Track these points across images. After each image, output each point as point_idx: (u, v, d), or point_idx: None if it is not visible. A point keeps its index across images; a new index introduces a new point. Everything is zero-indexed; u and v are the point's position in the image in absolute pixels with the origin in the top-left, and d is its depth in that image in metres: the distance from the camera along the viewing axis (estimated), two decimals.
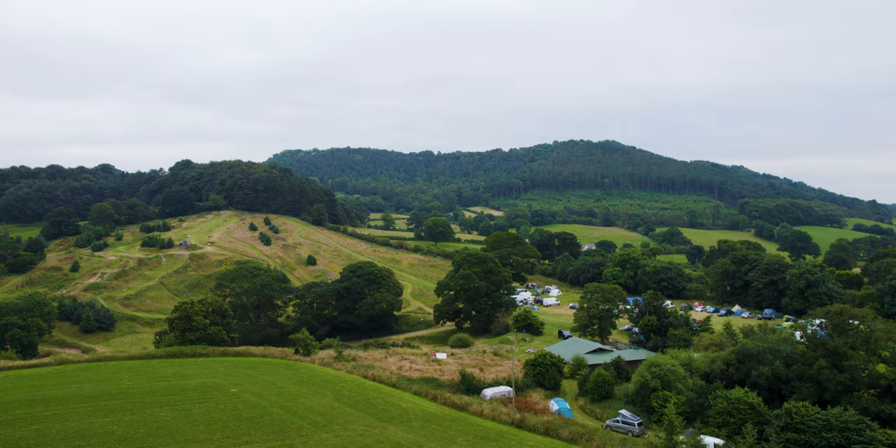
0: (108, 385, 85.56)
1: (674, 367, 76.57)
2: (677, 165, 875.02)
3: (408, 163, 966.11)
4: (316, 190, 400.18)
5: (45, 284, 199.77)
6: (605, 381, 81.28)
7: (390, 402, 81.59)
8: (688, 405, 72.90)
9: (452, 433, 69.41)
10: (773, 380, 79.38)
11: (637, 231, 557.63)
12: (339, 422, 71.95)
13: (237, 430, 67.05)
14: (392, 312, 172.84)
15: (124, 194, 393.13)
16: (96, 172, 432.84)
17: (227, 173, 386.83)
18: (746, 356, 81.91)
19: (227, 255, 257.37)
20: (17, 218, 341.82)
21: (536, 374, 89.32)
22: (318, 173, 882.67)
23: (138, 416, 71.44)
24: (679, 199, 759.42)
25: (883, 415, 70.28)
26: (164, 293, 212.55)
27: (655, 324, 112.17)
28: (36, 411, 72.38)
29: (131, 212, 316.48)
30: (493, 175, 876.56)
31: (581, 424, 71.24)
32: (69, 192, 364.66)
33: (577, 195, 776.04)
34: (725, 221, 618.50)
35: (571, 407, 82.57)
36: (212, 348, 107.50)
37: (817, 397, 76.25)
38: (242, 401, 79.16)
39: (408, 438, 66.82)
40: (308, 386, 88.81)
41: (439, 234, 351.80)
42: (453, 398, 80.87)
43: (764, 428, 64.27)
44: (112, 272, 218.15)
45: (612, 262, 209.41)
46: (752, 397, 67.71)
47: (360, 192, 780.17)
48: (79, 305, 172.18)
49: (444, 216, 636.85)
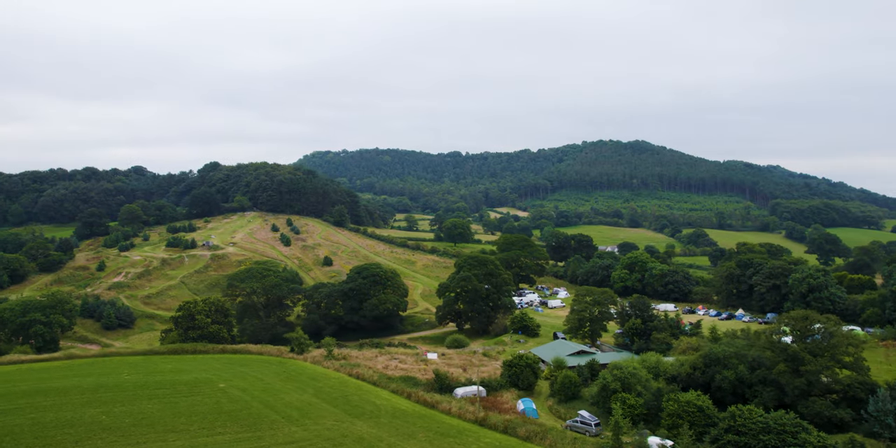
0: (108, 378, 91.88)
1: (635, 370, 78.94)
2: (708, 166, 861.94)
3: (436, 163, 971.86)
4: (339, 191, 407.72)
5: (72, 283, 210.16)
6: (571, 382, 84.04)
7: (366, 399, 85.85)
8: (645, 407, 75.22)
9: (415, 429, 73.23)
10: (737, 384, 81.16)
11: (663, 232, 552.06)
12: (312, 416, 76.49)
13: (214, 422, 72.07)
14: (397, 313, 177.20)
15: (155, 195, 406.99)
16: (129, 174, 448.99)
17: (252, 175, 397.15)
18: (712, 360, 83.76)
19: (247, 256, 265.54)
20: (53, 218, 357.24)
21: (511, 374, 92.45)
22: (346, 174, 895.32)
23: (128, 407, 77.13)
24: (709, 200, 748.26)
25: (835, 419, 71.64)
26: (185, 292, 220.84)
27: (640, 327, 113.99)
28: (36, 401, 78.71)
29: (159, 213, 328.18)
30: (521, 176, 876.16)
31: (538, 423, 74.35)
32: (102, 194, 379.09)
33: (605, 196, 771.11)
34: (755, 223, 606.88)
35: (539, 407, 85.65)
36: (211, 346, 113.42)
37: (777, 401, 77.94)
38: (227, 395, 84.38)
39: (371, 433, 70.89)
40: (293, 382, 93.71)
41: (458, 236, 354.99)
42: (425, 396, 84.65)
43: (709, 430, 66.50)
44: (136, 271, 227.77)
45: (621, 265, 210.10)
46: (703, 400, 69.86)
47: (387, 193, 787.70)
48: (101, 303, 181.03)
49: (470, 217, 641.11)
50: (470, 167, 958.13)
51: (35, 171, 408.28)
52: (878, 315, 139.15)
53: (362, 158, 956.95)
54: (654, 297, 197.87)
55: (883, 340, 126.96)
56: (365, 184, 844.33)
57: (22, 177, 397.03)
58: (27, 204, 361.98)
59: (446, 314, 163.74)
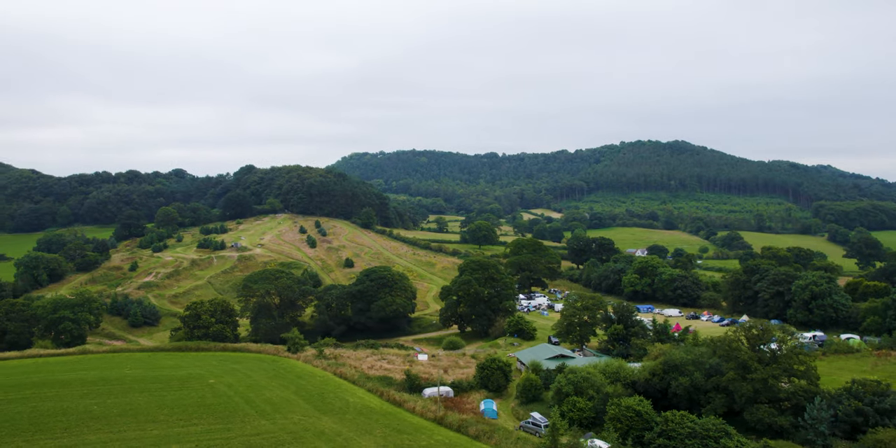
0: (111, 372, 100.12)
1: (589, 375, 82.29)
2: (750, 166, 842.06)
3: (472, 164, 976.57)
4: (368, 194, 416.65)
5: (105, 282, 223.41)
6: (532, 385, 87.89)
7: (341, 396, 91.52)
8: (593, 411, 78.58)
9: (375, 426, 78.35)
10: (693, 390, 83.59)
11: (699, 235, 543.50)
12: (283, 411, 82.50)
13: (192, 414, 78.71)
14: (406, 314, 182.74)
15: (193, 197, 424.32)
16: (170, 177, 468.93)
17: (284, 178, 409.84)
18: (671, 367, 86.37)
19: (272, 257, 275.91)
20: (97, 220, 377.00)
21: (483, 377, 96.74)
22: (383, 175, 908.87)
23: (120, 399, 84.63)
24: (749, 202, 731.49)
25: (775, 426, 73.68)
26: (210, 292, 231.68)
27: (622, 333, 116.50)
28: (41, 392, 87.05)
29: (194, 215, 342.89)
30: (557, 177, 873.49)
31: (489, 423, 78.65)
32: (143, 196, 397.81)
33: (642, 197, 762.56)
34: (796, 225, 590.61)
35: (504, 408, 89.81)
36: (214, 344, 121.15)
37: (728, 407, 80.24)
38: (213, 390, 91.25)
39: (332, 428, 76.39)
40: (278, 380, 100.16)
41: (482, 238, 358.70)
42: (395, 395, 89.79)
43: (644, 434, 69.69)
44: (166, 272, 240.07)
45: (632, 270, 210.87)
46: (643, 406, 72.89)
47: (422, 195, 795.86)
48: (128, 302, 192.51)
49: (504, 218, 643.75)
50: (506, 168, 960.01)
51: (82, 175, 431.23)
52: (878, 324, 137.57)
53: (399, 160, 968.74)
54: (663, 301, 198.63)
55: (878, 349, 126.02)
56: (401, 185, 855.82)
57: (70, 180, 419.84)
58: (74, 205, 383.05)
59: (450, 317, 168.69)
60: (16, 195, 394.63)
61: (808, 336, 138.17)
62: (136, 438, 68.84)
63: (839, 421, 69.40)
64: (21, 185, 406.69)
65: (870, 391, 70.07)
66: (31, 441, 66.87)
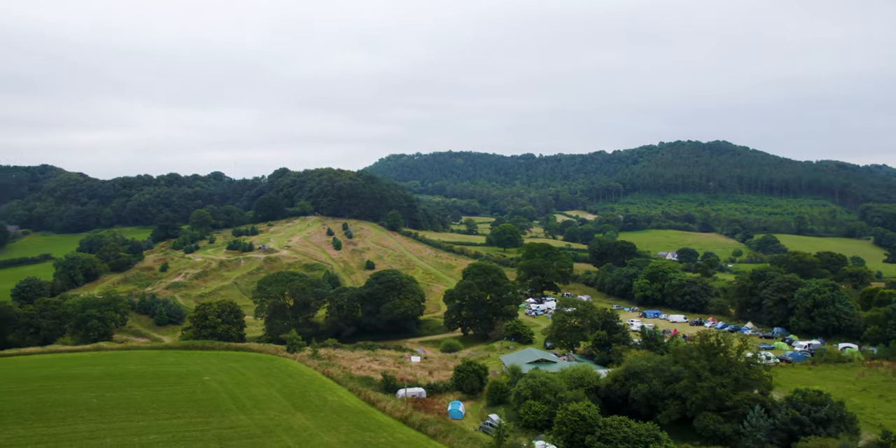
0: (116, 368, 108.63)
1: (547, 380, 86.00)
2: (794, 166, 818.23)
3: (508, 165, 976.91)
4: (396, 196, 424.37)
5: (136, 282, 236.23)
6: (498, 388, 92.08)
7: (321, 395, 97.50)
8: (547, 414, 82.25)
9: (343, 423, 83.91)
10: (651, 396, 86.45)
11: (735, 237, 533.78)
12: (262, 407, 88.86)
13: (178, 409, 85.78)
14: (415, 317, 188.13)
15: (230, 200, 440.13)
16: (208, 179, 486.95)
17: (315, 181, 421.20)
18: (632, 374, 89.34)
19: (297, 259, 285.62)
20: (139, 221, 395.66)
21: (458, 379, 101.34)
22: (419, 177, 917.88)
23: (117, 393, 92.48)
24: (791, 204, 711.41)
25: (719, 433, 76.11)
26: (235, 292, 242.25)
27: (605, 338, 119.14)
28: (49, 385, 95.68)
29: (227, 217, 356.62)
30: (594, 178, 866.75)
31: (448, 423, 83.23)
32: (182, 198, 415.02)
33: (679, 199, 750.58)
34: (840, 228, 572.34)
35: (473, 410, 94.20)
36: (218, 343, 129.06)
37: (681, 414, 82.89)
38: (204, 387, 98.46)
39: (302, 424, 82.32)
40: (269, 378, 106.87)
41: (507, 240, 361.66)
42: (371, 395, 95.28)
43: (586, 437, 73.24)
44: (194, 272, 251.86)
45: (643, 275, 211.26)
46: (590, 410, 76.27)
47: (457, 196, 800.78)
48: (155, 301, 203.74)
49: (537, 219, 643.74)
50: (542, 169, 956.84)
51: (125, 177, 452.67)
52: (878, 333, 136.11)
53: (435, 161, 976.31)
54: (672, 307, 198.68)
55: (873, 359, 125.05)
56: (436, 186, 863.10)
57: (114, 183, 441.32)
58: (117, 207, 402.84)
59: (454, 320, 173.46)
60: (64, 197, 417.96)
61: (804, 345, 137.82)
62: (121, 429, 75.93)
63: (777, 429, 71.50)
64: (69, 187, 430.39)
65: (808, 401, 71.85)
66: (29, 428, 74.58)
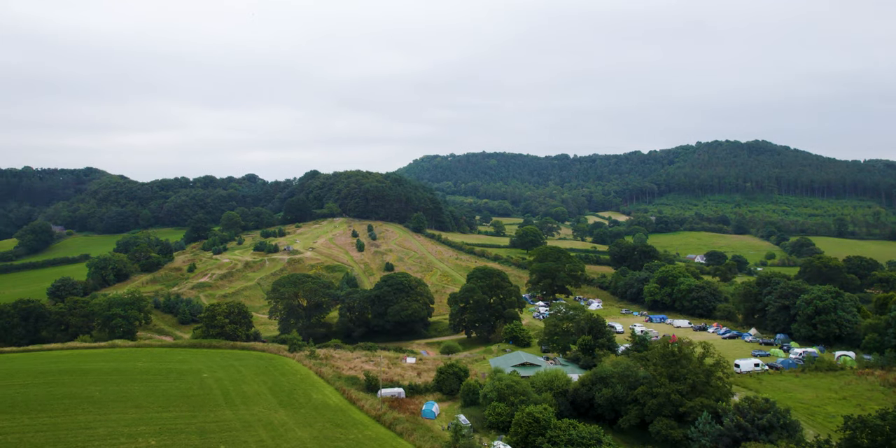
0: (125, 364, 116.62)
1: (512, 383, 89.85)
2: (838, 166, 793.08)
3: (542, 166, 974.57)
4: (421, 198, 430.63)
5: (164, 282, 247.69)
6: (470, 389, 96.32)
7: (307, 393, 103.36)
8: (509, 416, 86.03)
9: (319, 419, 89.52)
10: (615, 401, 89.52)
11: (769, 240, 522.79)
12: (249, 404, 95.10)
13: (171, 403, 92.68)
14: (423, 318, 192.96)
15: (262, 201, 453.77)
16: (242, 182, 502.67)
17: (343, 183, 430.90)
18: (599, 378, 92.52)
19: (320, 260, 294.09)
20: (175, 222, 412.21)
21: (439, 380, 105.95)
22: (452, 178, 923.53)
23: (120, 387, 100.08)
24: (834, 205, 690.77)
25: (670, 437, 78.79)
26: (258, 292, 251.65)
27: (591, 343, 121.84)
28: (61, 378, 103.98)
29: (257, 218, 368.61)
30: (628, 179, 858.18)
31: (416, 422, 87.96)
32: (217, 200, 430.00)
33: (715, 200, 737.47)
34: (884, 231, 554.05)
35: (450, 410, 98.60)
36: (225, 342, 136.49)
37: (640, 418, 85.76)
38: (200, 383, 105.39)
39: (281, 420, 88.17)
40: (263, 376, 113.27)
41: (529, 242, 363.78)
42: (354, 394, 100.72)
43: (537, 439, 77.03)
44: (220, 273, 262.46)
45: (654, 279, 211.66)
46: (545, 413, 79.93)
47: (489, 197, 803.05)
48: (179, 301, 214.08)
49: (569, 220, 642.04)
50: (577, 170, 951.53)
51: (163, 180, 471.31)
52: (876, 341, 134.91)
53: (469, 162, 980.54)
54: (682, 312, 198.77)
55: (867, 368, 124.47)
56: (469, 187, 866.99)
57: (152, 185, 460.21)
58: (155, 209, 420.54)
59: (459, 323, 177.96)
60: (105, 199, 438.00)
61: (799, 352, 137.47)
62: (115, 420, 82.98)
63: (722, 435, 73.88)
64: (110, 189, 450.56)
65: (754, 408, 73.97)
66: (34, 418, 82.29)
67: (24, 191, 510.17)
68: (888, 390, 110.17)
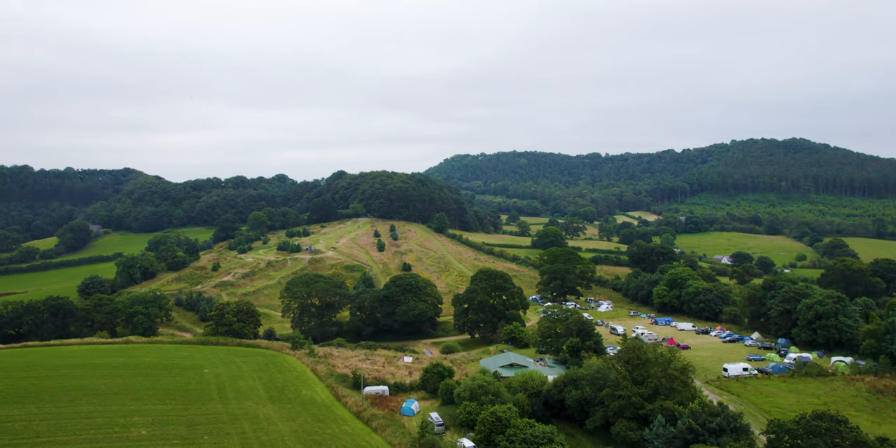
0: (134, 359, 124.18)
1: (484, 383, 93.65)
2: (880, 164, 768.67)
3: (573, 165, 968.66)
4: (445, 198, 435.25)
5: (188, 281, 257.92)
6: (448, 389, 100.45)
7: (298, 389, 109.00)
8: (476, 414, 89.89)
9: (302, 414, 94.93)
10: (584, 402, 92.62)
11: (802, 241, 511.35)
12: (240, 398, 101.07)
13: (168, 396, 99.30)
14: (431, 318, 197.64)
15: (290, 201, 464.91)
16: (272, 182, 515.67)
17: (368, 183, 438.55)
18: (570, 380, 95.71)
19: (340, 260, 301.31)
20: (206, 221, 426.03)
21: (424, 379, 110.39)
22: (482, 177, 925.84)
23: (124, 380, 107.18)
24: (874, 205, 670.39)
25: (629, 439, 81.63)
26: (278, 291, 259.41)
27: (578, 345, 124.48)
28: (73, 372, 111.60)
29: (283, 218, 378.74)
30: (659, 178, 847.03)
31: (391, 419, 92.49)
32: (247, 200, 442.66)
33: (748, 199, 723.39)
34: None
35: (431, 407, 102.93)
36: (231, 339, 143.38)
37: (605, 420, 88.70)
38: (200, 378, 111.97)
39: (267, 413, 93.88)
40: (261, 372, 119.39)
41: (550, 243, 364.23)
42: (341, 391, 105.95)
43: (497, 437, 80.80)
44: (243, 272, 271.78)
45: (663, 282, 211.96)
46: (509, 413, 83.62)
47: (519, 196, 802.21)
48: (201, 299, 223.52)
49: (598, 220, 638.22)
50: (608, 169, 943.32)
51: (196, 180, 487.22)
52: (873, 347, 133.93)
53: (499, 161, 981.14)
54: (689, 314, 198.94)
55: (859, 374, 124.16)
56: (499, 187, 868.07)
57: (185, 185, 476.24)
58: (187, 208, 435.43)
59: (463, 323, 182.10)
60: (141, 199, 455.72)
61: (794, 357, 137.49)
62: (113, 411, 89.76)
63: (675, 437, 76.43)
64: (145, 190, 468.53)
65: (707, 412, 76.27)
66: (41, 408, 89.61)
67: (66, 191, 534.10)
68: (872, 397, 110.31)
